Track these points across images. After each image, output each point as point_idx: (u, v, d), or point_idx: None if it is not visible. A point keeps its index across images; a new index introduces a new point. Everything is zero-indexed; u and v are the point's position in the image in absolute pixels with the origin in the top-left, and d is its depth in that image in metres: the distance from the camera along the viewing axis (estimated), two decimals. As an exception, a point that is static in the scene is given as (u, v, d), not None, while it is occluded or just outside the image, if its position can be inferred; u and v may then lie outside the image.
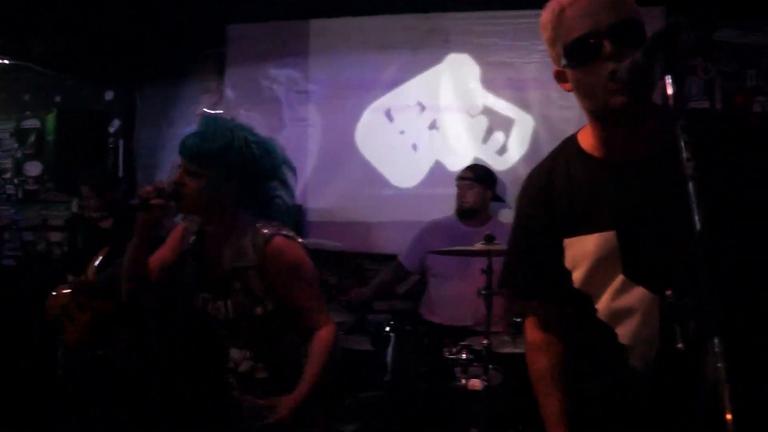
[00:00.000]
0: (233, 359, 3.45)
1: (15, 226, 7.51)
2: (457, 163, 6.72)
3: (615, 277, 2.21)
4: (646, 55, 1.81)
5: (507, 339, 5.18)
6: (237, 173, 3.27)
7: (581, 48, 2.07)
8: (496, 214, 6.47)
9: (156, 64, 7.54)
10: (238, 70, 7.44)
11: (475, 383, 4.75)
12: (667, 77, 1.69)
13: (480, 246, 4.87)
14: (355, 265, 7.21)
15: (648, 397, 2.19)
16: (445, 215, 6.42)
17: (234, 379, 3.46)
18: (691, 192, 1.59)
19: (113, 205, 6.31)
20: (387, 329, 5.30)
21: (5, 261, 7.49)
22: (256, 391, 3.36)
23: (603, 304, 2.26)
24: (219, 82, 7.51)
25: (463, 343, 4.99)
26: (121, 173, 7.65)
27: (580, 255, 2.28)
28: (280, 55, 7.37)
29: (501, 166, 6.88)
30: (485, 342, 4.73)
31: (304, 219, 7.15)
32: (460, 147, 7.03)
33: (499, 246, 4.82)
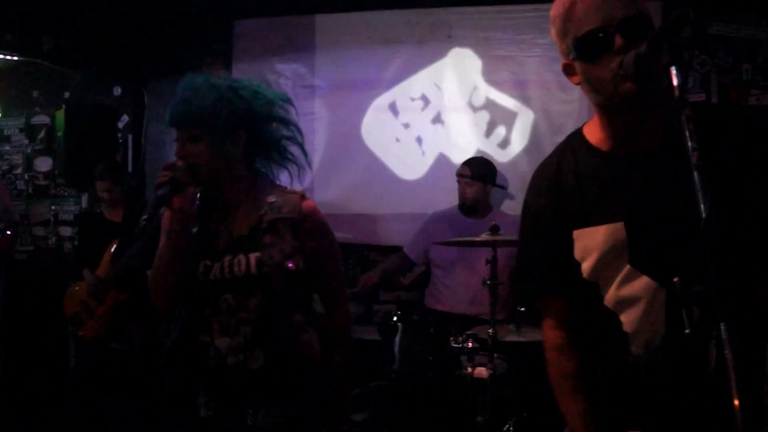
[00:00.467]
0: (219, 349, 3.05)
1: (26, 222, 7.54)
2: (461, 156, 6.73)
3: (622, 266, 2.24)
4: (652, 46, 1.85)
5: (512, 328, 5.21)
6: (237, 124, 3.07)
7: (592, 42, 2.09)
8: (498, 204, 6.54)
9: (164, 60, 7.55)
10: (244, 65, 7.43)
11: (481, 371, 4.80)
12: (672, 68, 1.72)
13: (484, 236, 4.92)
14: (362, 256, 7.24)
15: (649, 384, 2.21)
16: (449, 207, 6.51)
17: (214, 376, 3.10)
18: (697, 181, 1.62)
19: (132, 191, 6.38)
20: (394, 319, 5.34)
21: (17, 256, 7.52)
22: (249, 386, 3.03)
23: (610, 293, 2.28)
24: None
25: (469, 332, 5.03)
26: (130, 168, 7.67)
27: (589, 246, 2.30)
28: (287, 51, 7.38)
29: (503, 158, 6.93)
30: (491, 331, 4.77)
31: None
32: (463, 140, 7.06)
33: (504, 236, 4.89)
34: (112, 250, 5.88)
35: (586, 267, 2.33)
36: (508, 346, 5.09)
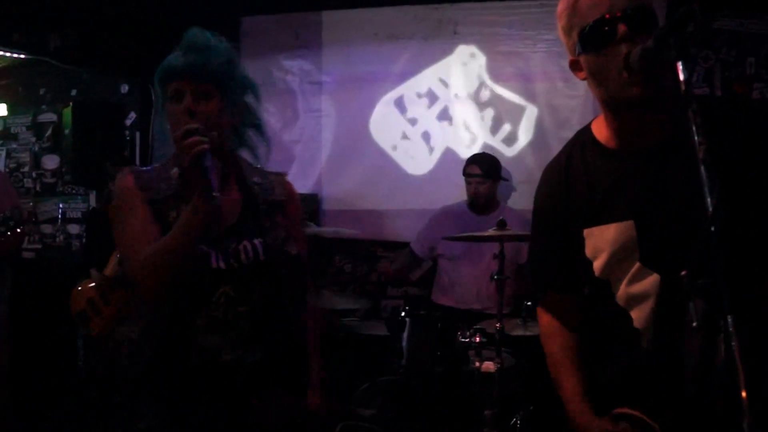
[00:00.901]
0: (209, 348, 2.73)
1: (34, 219, 7.54)
2: (468, 151, 6.78)
3: (633, 264, 2.26)
4: (658, 41, 1.86)
5: (519, 322, 5.24)
6: (243, 90, 2.83)
7: (596, 32, 2.11)
8: (504, 199, 6.58)
9: (171, 58, 7.57)
10: (252, 62, 7.41)
11: (489, 366, 4.80)
12: (678, 63, 1.72)
13: (492, 231, 4.94)
14: (369, 252, 7.26)
15: (659, 379, 2.23)
16: (456, 202, 6.53)
17: (206, 375, 2.74)
18: (704, 175, 1.62)
19: None
20: (402, 314, 5.35)
21: (24, 254, 7.53)
22: (246, 382, 2.76)
23: (620, 290, 2.32)
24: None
25: (477, 326, 5.04)
26: (137, 165, 7.68)
27: (600, 245, 2.33)
28: (294, 47, 7.40)
29: (509, 153, 6.97)
30: (498, 325, 4.77)
31: (320, 207, 7.21)
32: (470, 136, 7.09)
33: (511, 232, 4.90)
34: (118, 256, 5.87)
35: (598, 265, 2.36)
36: (515, 341, 5.11)
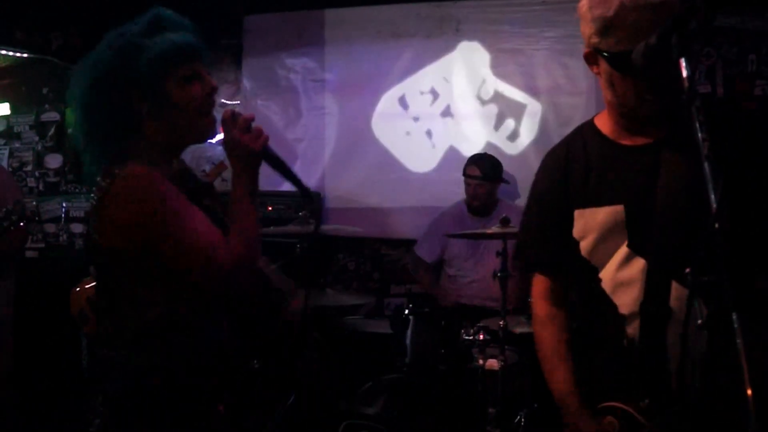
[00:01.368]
0: (227, 350, 2.62)
1: (37, 218, 7.53)
2: (471, 149, 6.79)
3: (620, 248, 2.31)
4: (661, 38, 1.86)
5: (523, 320, 5.24)
6: None
7: (628, 62, 2.04)
8: (502, 198, 6.55)
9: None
10: (255, 60, 7.45)
11: (492, 363, 4.82)
12: (681, 60, 1.74)
13: (495, 229, 4.94)
14: (373, 250, 7.26)
15: (645, 368, 2.26)
16: (455, 203, 6.55)
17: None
18: (707, 172, 1.64)
19: None
20: (406, 312, 5.36)
21: (27, 253, 7.52)
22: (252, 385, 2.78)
23: (607, 275, 2.36)
24: (237, 73, 7.50)
25: (480, 324, 5.06)
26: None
27: (589, 225, 2.38)
28: (296, 45, 7.39)
29: (512, 151, 6.99)
30: (502, 323, 4.79)
31: (323, 205, 7.20)
32: (472, 133, 7.09)
33: (514, 229, 4.90)
34: None
35: (585, 246, 2.41)
36: (519, 338, 5.11)
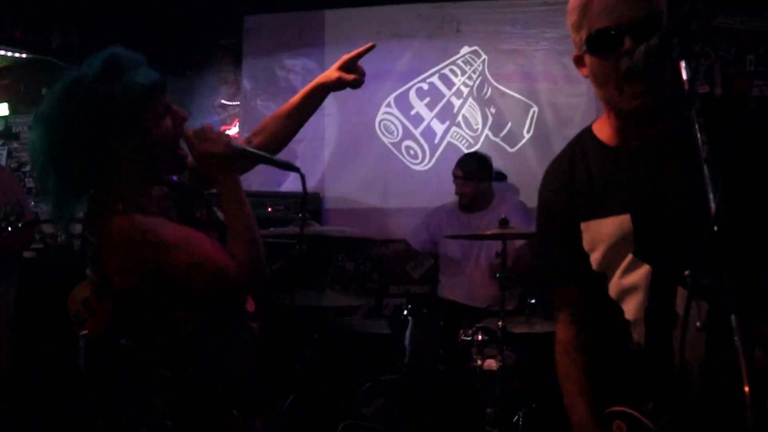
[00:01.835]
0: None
1: (37, 218, 7.53)
2: (470, 149, 6.83)
3: (626, 256, 2.28)
4: (662, 40, 1.86)
5: (522, 320, 5.24)
6: None
7: (602, 39, 2.13)
8: (497, 194, 6.47)
9: (173, 56, 7.56)
10: (254, 61, 7.47)
11: (491, 364, 4.80)
12: (681, 62, 1.74)
13: (494, 230, 4.95)
14: (372, 251, 7.26)
15: (652, 373, 2.25)
16: (450, 201, 6.54)
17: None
18: (707, 174, 1.64)
19: None
20: (405, 313, 5.36)
21: (25, 253, 7.52)
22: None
23: (613, 281, 2.34)
24: (236, 74, 7.51)
25: (479, 324, 5.05)
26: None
27: (597, 238, 2.36)
28: (296, 46, 7.41)
29: (511, 152, 7.03)
30: (500, 323, 4.78)
31: (323, 206, 7.22)
32: (472, 134, 7.12)
33: (513, 230, 4.92)
34: None
35: (595, 258, 2.38)
36: (517, 338, 5.11)
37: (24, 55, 7.71)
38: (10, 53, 7.65)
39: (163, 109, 2.51)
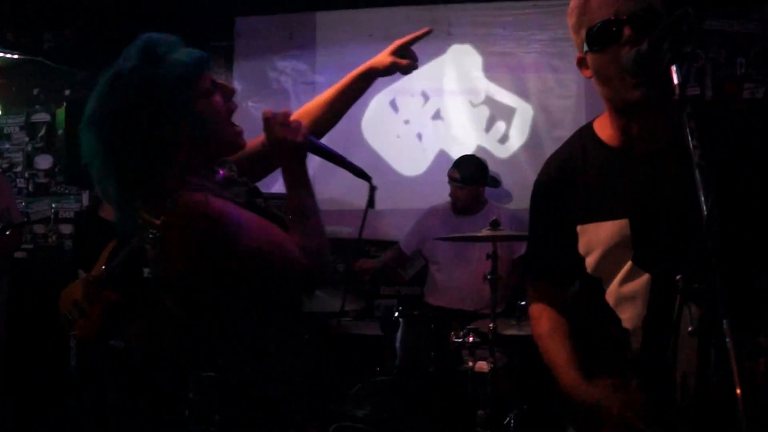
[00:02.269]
0: None
1: (27, 219, 7.52)
2: (461, 151, 6.76)
3: (625, 263, 2.27)
4: (652, 45, 1.88)
5: (513, 322, 5.24)
6: None
7: (602, 33, 2.14)
8: (490, 200, 6.52)
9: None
10: (246, 62, 7.46)
11: (482, 365, 4.81)
12: (672, 67, 1.75)
13: (485, 232, 4.95)
14: (363, 252, 7.24)
15: (649, 382, 2.22)
16: (443, 202, 6.53)
17: None
18: (699, 179, 1.64)
19: None
20: (395, 314, 5.36)
21: (16, 254, 7.51)
22: None
23: (611, 289, 2.32)
24: (227, 75, 7.50)
25: (470, 326, 5.05)
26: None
27: (593, 242, 2.34)
28: (288, 48, 7.40)
29: (503, 154, 7.03)
30: (491, 325, 4.78)
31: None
32: (463, 136, 7.12)
33: (503, 232, 4.92)
34: (106, 257, 5.83)
35: (590, 262, 2.37)
36: (508, 340, 5.11)
37: (15, 56, 7.70)
38: (1, 54, 7.64)
39: (210, 85, 2.39)
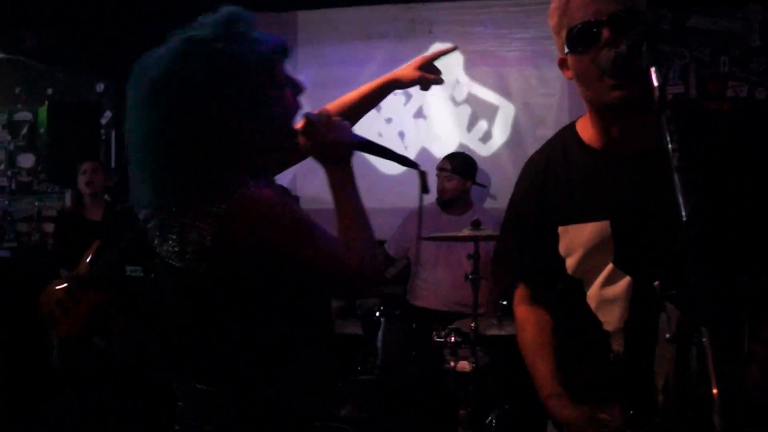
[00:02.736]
0: None
1: (10, 218, 7.51)
2: (443, 150, 6.78)
3: (606, 265, 2.26)
4: (630, 47, 1.87)
5: (494, 322, 5.25)
6: None
7: (581, 34, 2.13)
8: (477, 201, 6.55)
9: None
10: (227, 61, 7.49)
11: (464, 365, 4.82)
12: (651, 69, 1.74)
13: (467, 232, 4.95)
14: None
15: (630, 385, 2.23)
16: (428, 203, 6.51)
17: None
18: (677, 182, 1.64)
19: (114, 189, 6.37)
20: (377, 314, 5.37)
21: (0, 252, 7.50)
22: None
23: (592, 291, 2.31)
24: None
25: (452, 326, 5.06)
26: (113, 164, 7.65)
27: (574, 243, 2.33)
28: (269, 47, 7.38)
29: (485, 152, 7.02)
30: (473, 325, 4.78)
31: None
32: (445, 134, 7.12)
33: (486, 232, 4.92)
34: (89, 258, 5.82)
35: (571, 263, 2.36)
36: (490, 340, 5.12)
37: (-3, 55, 7.69)
38: (-18, 53, 7.63)
39: (285, 78, 2.23)
